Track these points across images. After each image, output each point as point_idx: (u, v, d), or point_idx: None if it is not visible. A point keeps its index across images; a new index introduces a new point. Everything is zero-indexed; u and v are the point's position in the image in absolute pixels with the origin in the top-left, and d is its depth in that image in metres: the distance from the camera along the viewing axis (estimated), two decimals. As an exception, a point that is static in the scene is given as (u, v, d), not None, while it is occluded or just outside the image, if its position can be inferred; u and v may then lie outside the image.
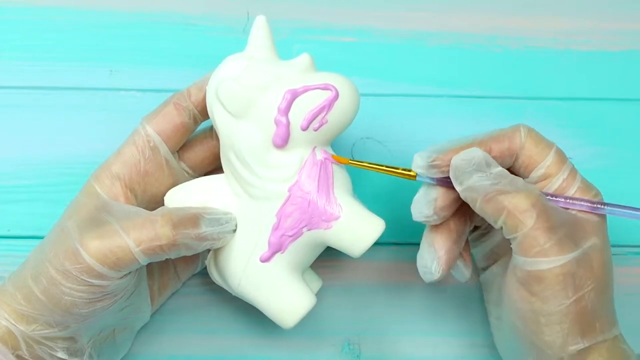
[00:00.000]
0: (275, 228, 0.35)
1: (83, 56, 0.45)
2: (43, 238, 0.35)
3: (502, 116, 0.45)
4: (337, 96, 0.34)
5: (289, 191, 0.34)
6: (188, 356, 0.41)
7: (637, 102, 0.46)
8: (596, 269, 0.32)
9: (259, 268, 0.35)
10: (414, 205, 0.35)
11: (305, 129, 0.34)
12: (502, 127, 0.35)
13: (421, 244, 0.36)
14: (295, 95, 0.34)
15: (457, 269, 0.37)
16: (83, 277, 0.32)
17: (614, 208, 0.34)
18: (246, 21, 0.46)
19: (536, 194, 0.32)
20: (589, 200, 0.34)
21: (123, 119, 0.42)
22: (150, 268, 0.38)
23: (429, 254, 0.35)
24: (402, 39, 0.47)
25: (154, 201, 0.37)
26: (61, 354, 0.34)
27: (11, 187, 0.42)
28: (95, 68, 0.45)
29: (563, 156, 0.35)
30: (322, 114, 0.34)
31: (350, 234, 0.34)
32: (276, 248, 0.35)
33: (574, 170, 0.35)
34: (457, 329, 0.42)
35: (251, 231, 0.35)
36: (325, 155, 0.35)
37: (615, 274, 0.34)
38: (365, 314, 0.42)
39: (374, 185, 0.43)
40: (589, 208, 0.34)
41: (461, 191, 0.33)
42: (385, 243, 0.42)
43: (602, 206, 0.34)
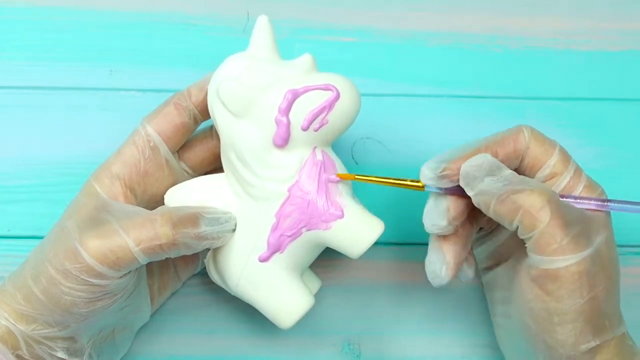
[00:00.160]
0: (274, 228, 0.35)
1: (83, 56, 0.45)
2: (43, 238, 0.35)
3: (502, 116, 0.45)
4: (338, 97, 0.34)
5: (289, 191, 0.34)
6: (188, 356, 0.41)
7: (637, 102, 0.46)
8: (607, 266, 0.32)
9: (258, 268, 0.35)
10: (426, 217, 0.34)
11: (305, 129, 0.34)
12: (503, 130, 0.35)
13: (429, 249, 0.35)
14: (296, 95, 0.34)
15: (461, 270, 0.37)
16: (83, 277, 0.32)
17: (622, 204, 0.34)
18: (246, 21, 0.46)
19: (550, 191, 0.32)
20: (597, 198, 0.34)
21: (123, 119, 0.42)
22: (150, 268, 0.38)
23: (438, 259, 0.35)
24: (402, 39, 0.47)
25: (154, 201, 0.37)
26: (61, 354, 0.34)
27: (11, 187, 0.42)
28: (95, 68, 0.45)
29: (567, 154, 0.35)
30: (323, 115, 0.34)
31: (349, 235, 0.34)
32: (275, 248, 0.35)
33: (579, 168, 0.35)
34: (457, 329, 0.42)
35: (250, 231, 0.35)
36: (328, 164, 0.35)
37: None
38: (365, 314, 0.42)
39: (374, 186, 0.43)
40: (597, 206, 0.34)
41: (473, 196, 0.33)
42: (385, 243, 0.42)
43: (610, 203, 0.34)
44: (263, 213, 0.35)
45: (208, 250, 0.38)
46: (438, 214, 0.34)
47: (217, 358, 0.41)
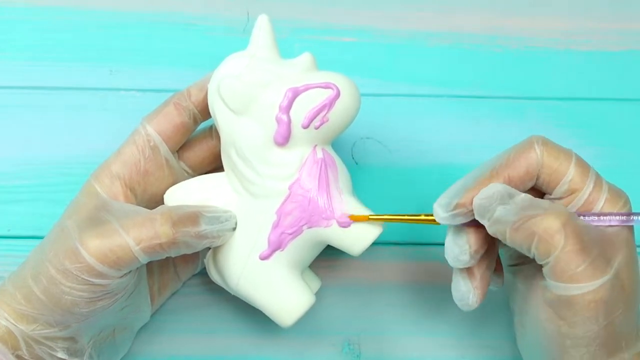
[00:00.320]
0: (275, 226, 0.35)
1: (83, 56, 0.45)
2: (43, 238, 0.35)
3: (502, 116, 0.45)
4: (339, 95, 0.34)
5: (290, 189, 0.34)
6: (188, 356, 0.41)
7: (637, 102, 0.46)
8: (627, 288, 0.31)
9: (258, 266, 0.35)
10: (447, 252, 0.33)
11: (306, 127, 0.34)
12: (514, 146, 0.34)
13: (454, 274, 0.34)
14: (296, 93, 0.34)
15: (491, 279, 0.35)
16: (83, 276, 0.32)
17: None
18: (246, 21, 0.46)
19: (565, 213, 0.31)
20: (620, 213, 0.32)
21: (123, 119, 0.42)
22: (150, 268, 0.38)
23: (465, 285, 0.34)
24: (402, 39, 0.47)
25: (154, 200, 0.37)
26: (61, 354, 0.34)
27: (11, 187, 0.42)
28: (95, 68, 0.45)
29: (585, 165, 0.33)
30: (323, 113, 0.34)
31: (350, 233, 0.34)
32: (276, 246, 0.35)
33: (599, 178, 0.33)
34: (458, 329, 0.42)
35: (251, 229, 0.35)
36: (329, 162, 0.35)
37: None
38: (365, 314, 0.42)
39: (374, 184, 0.43)
40: (620, 222, 0.32)
41: (488, 227, 0.32)
42: (385, 243, 0.42)
43: (634, 217, 0.32)
44: (264, 211, 0.35)
45: (208, 250, 0.38)
46: (460, 250, 0.33)
47: (217, 358, 0.41)
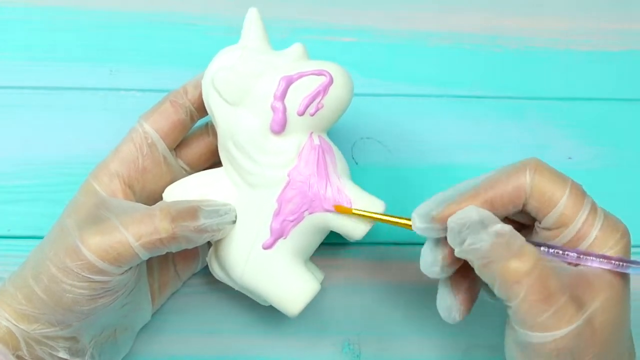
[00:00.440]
0: (276, 214, 0.35)
1: (83, 56, 0.45)
2: (43, 238, 0.35)
3: (502, 116, 0.45)
4: (332, 81, 0.34)
5: (289, 176, 0.35)
6: (188, 356, 0.41)
7: (637, 102, 0.46)
8: (600, 334, 0.29)
9: (262, 256, 0.35)
10: (422, 259, 0.33)
11: (301, 114, 0.34)
12: (507, 166, 0.32)
13: (439, 284, 0.34)
14: (290, 81, 0.34)
15: (483, 292, 0.35)
16: (84, 274, 0.32)
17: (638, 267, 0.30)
18: (246, 21, 0.46)
19: (533, 258, 0.29)
20: (601, 255, 0.30)
21: (123, 119, 0.41)
22: (150, 267, 0.38)
23: (450, 299, 0.33)
24: (402, 39, 0.47)
25: (153, 198, 0.37)
26: (62, 354, 0.34)
27: (11, 187, 0.42)
28: (95, 68, 0.45)
29: (580, 195, 0.31)
30: (318, 99, 0.34)
31: (352, 216, 0.35)
32: (278, 234, 0.35)
33: (594, 212, 0.31)
34: (457, 329, 0.41)
35: (252, 220, 0.35)
36: (326, 148, 0.35)
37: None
38: (365, 314, 0.42)
39: (373, 183, 0.43)
40: (599, 264, 0.30)
41: (457, 253, 0.31)
42: (385, 243, 0.42)
43: (623, 264, 0.30)
44: (264, 200, 0.35)
45: (208, 249, 0.38)
46: (433, 260, 0.32)
47: (218, 358, 0.41)
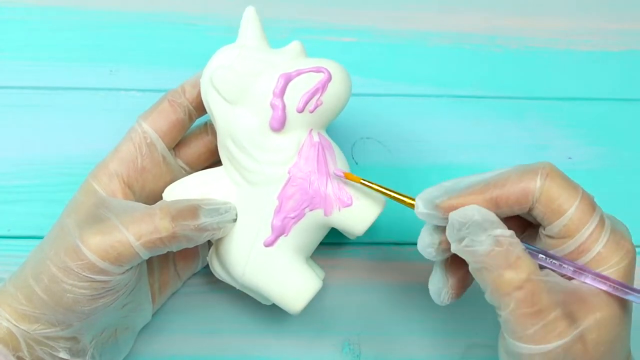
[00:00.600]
0: (277, 211, 0.35)
1: (83, 56, 0.45)
2: (43, 238, 0.35)
3: (502, 116, 0.45)
4: (330, 78, 0.34)
5: (289, 173, 0.35)
6: (189, 356, 0.41)
7: (637, 102, 0.46)
8: (592, 351, 0.29)
9: (263, 253, 0.35)
10: (420, 240, 0.33)
11: (301, 111, 0.35)
12: (520, 166, 0.32)
13: (434, 265, 0.34)
14: (288, 78, 0.34)
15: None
16: (85, 274, 0.32)
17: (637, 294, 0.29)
18: (246, 21, 0.46)
19: (527, 271, 0.29)
20: (604, 276, 0.30)
21: (123, 119, 0.41)
22: (150, 266, 0.38)
23: (441, 281, 0.33)
24: (402, 39, 0.47)
25: (152, 198, 0.37)
26: (63, 354, 0.34)
27: (11, 187, 0.42)
28: (95, 68, 0.45)
29: (589, 208, 0.30)
30: (317, 96, 0.34)
31: (352, 212, 0.35)
32: (280, 231, 0.35)
33: (602, 222, 0.30)
34: (457, 329, 0.42)
35: (253, 218, 0.35)
36: (326, 145, 0.35)
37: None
38: (365, 314, 0.42)
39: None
40: (608, 287, 0.30)
41: (453, 250, 0.31)
42: (385, 243, 0.42)
43: (623, 288, 0.29)
44: (264, 198, 0.35)
45: (209, 249, 0.38)
46: (430, 241, 0.32)
47: (218, 358, 0.41)
